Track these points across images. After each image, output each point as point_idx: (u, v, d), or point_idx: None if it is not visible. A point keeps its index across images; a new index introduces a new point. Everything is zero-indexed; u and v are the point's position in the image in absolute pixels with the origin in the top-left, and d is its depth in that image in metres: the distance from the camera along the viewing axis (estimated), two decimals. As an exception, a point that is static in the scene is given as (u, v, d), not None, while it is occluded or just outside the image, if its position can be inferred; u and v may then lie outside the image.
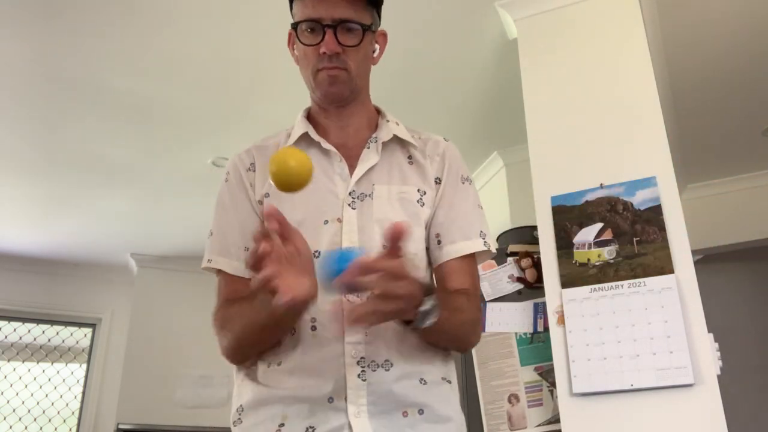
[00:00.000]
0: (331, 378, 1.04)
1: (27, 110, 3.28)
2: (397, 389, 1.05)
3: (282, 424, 1.05)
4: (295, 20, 1.16)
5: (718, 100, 3.26)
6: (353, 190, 1.16)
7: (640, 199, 2.13)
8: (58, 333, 5.25)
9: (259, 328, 1.06)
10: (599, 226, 2.15)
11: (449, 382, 1.14)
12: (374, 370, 1.05)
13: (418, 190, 1.19)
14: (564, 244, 2.17)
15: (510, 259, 2.47)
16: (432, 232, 1.20)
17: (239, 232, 1.18)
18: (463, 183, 1.24)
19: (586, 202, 2.20)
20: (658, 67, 2.62)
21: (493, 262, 2.49)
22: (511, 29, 2.69)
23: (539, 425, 2.21)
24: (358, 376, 1.04)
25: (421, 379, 1.08)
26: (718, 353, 1.92)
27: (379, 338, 1.06)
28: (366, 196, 1.16)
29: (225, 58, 2.91)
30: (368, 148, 1.21)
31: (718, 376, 1.88)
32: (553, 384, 2.14)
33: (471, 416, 2.33)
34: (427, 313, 0.98)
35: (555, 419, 2.15)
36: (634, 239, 2.08)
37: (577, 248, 2.14)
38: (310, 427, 1.03)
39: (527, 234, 2.54)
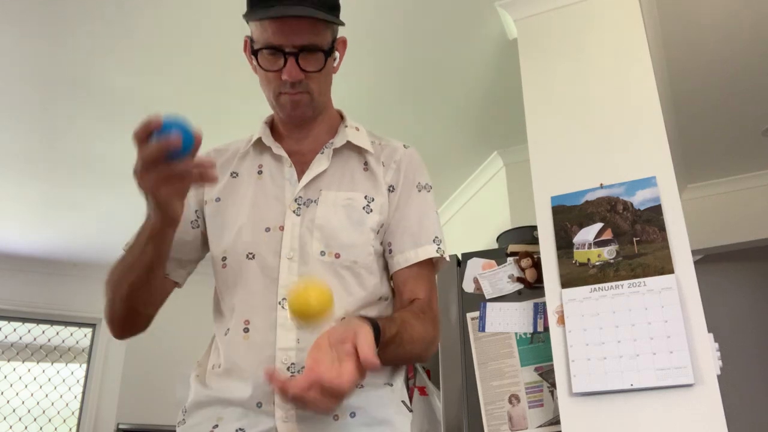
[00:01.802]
0: (261, 383, 1.04)
1: (27, 110, 3.28)
2: None
3: (216, 426, 1.06)
4: (256, 46, 1.15)
5: (718, 100, 3.26)
6: (299, 196, 1.16)
7: (640, 199, 2.13)
8: (58, 333, 5.25)
9: (129, 267, 1.08)
10: (599, 226, 2.15)
11: (390, 385, 1.12)
12: None
13: (365, 197, 1.18)
14: (564, 244, 2.17)
15: (510, 259, 2.47)
16: (385, 241, 1.19)
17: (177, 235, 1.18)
18: (420, 191, 1.23)
19: (586, 202, 2.20)
20: (658, 67, 2.63)
21: (493, 262, 2.49)
22: (511, 29, 2.69)
23: (540, 426, 2.21)
24: None
25: (358, 383, 1.07)
26: (718, 353, 1.92)
27: (310, 345, 1.06)
28: (312, 201, 1.16)
29: (225, 58, 2.91)
30: (322, 153, 1.21)
31: (718, 376, 1.88)
32: (553, 384, 2.14)
33: (471, 417, 2.33)
34: None
35: (556, 420, 2.15)
36: (634, 239, 2.08)
37: (577, 248, 2.14)
38: (240, 429, 1.04)
39: (527, 234, 2.54)
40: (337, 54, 1.23)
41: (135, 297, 1.12)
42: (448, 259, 1.22)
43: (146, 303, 1.16)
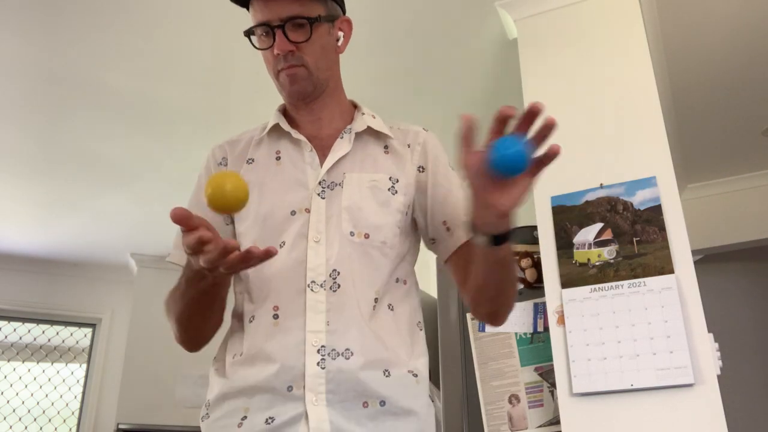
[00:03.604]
0: (291, 366, 1.04)
1: (27, 110, 3.28)
2: (357, 378, 1.04)
3: (245, 417, 1.05)
4: (249, 27, 1.17)
5: (718, 100, 3.26)
6: (323, 180, 1.16)
7: (640, 199, 2.13)
8: (58, 333, 5.25)
9: (193, 301, 1.08)
10: (599, 226, 2.15)
11: (415, 375, 1.12)
12: (334, 359, 1.04)
13: (390, 178, 1.19)
14: (564, 244, 2.17)
15: (510, 259, 2.47)
16: (437, 221, 1.19)
17: None
18: (453, 169, 1.24)
19: (586, 202, 2.20)
20: (658, 67, 2.62)
21: (493, 262, 2.48)
22: (511, 29, 2.69)
23: (540, 426, 2.21)
24: (318, 364, 1.03)
25: (385, 370, 1.07)
26: (718, 353, 1.92)
27: (341, 327, 1.06)
28: (336, 184, 1.16)
29: (225, 57, 2.91)
30: (341, 138, 1.21)
31: (718, 376, 1.88)
32: (553, 384, 2.14)
33: (471, 417, 2.33)
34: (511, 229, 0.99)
35: (556, 420, 2.15)
36: (634, 239, 2.08)
37: (577, 248, 2.14)
38: (270, 417, 1.03)
39: (527, 234, 2.53)
40: (340, 34, 1.23)
41: (202, 324, 1.16)
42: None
43: (212, 321, 1.17)
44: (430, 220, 1.20)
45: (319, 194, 1.15)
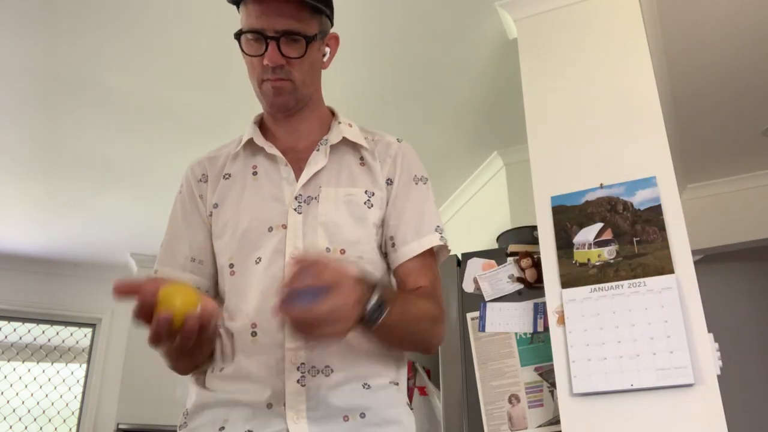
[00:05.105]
0: (271, 384, 1.04)
1: (27, 110, 3.28)
2: (336, 394, 1.05)
3: (222, 428, 1.05)
4: (240, 29, 1.16)
5: (718, 100, 3.26)
6: (299, 194, 1.15)
7: (640, 199, 2.13)
8: (58, 333, 5.25)
9: (172, 352, 1.08)
10: (599, 226, 2.15)
11: (396, 384, 1.13)
12: (314, 376, 1.04)
13: (366, 192, 1.18)
14: (564, 244, 2.17)
15: (510, 259, 2.47)
16: (386, 235, 1.19)
17: (187, 243, 1.20)
18: (417, 183, 1.23)
19: (586, 202, 2.20)
20: (658, 67, 2.63)
21: (493, 262, 2.49)
22: (511, 29, 2.69)
23: (540, 426, 2.21)
24: (297, 381, 1.04)
25: (365, 383, 1.07)
26: (718, 353, 1.92)
27: (320, 344, 1.05)
28: (312, 199, 1.15)
29: (225, 57, 2.91)
30: (317, 150, 1.20)
31: (718, 376, 1.88)
32: (553, 384, 2.14)
33: (471, 417, 2.33)
34: (375, 309, 0.95)
35: (556, 420, 2.15)
36: (634, 239, 2.08)
37: (577, 248, 2.15)
38: (249, 430, 1.03)
39: (527, 234, 2.54)
40: (327, 49, 1.23)
41: (190, 363, 1.15)
42: (450, 248, 1.22)
43: (202, 356, 1.15)
44: (384, 233, 1.19)
45: (295, 209, 1.14)
